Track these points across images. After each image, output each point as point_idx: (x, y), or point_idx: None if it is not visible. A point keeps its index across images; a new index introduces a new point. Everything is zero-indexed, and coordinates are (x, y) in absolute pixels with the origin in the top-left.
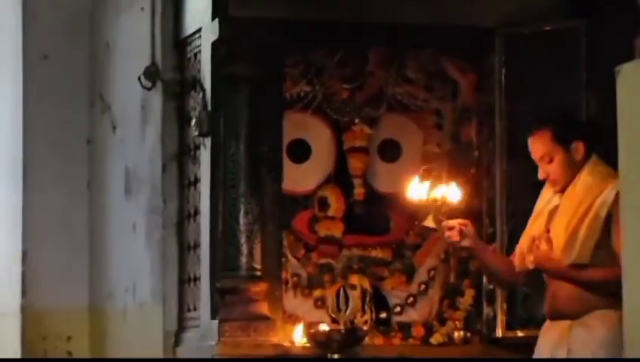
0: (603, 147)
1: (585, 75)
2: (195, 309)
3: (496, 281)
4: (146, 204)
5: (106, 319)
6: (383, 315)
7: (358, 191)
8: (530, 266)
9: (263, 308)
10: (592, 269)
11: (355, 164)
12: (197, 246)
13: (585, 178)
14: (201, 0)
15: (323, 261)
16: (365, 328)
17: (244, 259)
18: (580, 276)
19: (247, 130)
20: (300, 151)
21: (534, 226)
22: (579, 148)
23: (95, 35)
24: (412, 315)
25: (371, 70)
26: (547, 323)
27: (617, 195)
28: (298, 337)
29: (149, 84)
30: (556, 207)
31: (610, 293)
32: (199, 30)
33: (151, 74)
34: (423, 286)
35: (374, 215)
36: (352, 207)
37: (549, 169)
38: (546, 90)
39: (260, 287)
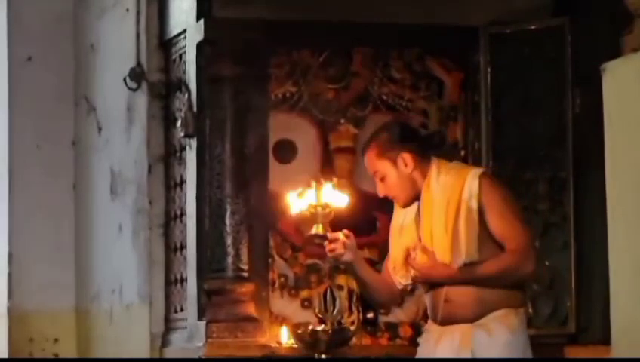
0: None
1: (570, 73)
2: (181, 310)
3: (374, 300)
4: (132, 205)
5: (93, 320)
6: (370, 315)
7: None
8: (408, 282)
9: (250, 309)
10: (484, 264)
11: (341, 164)
12: (183, 247)
13: (437, 178)
14: (186, 1)
15: (310, 261)
16: (352, 328)
17: (230, 260)
18: (475, 275)
19: (233, 130)
20: (286, 152)
21: (403, 241)
22: (405, 159)
23: (80, 36)
24: (399, 315)
25: (356, 70)
26: (435, 327)
27: (481, 182)
28: (285, 338)
29: (134, 85)
30: (409, 224)
31: (507, 284)
32: (184, 31)
33: (136, 75)
34: (409, 287)
35: (361, 215)
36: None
37: (383, 187)
38: (531, 88)
39: (247, 288)
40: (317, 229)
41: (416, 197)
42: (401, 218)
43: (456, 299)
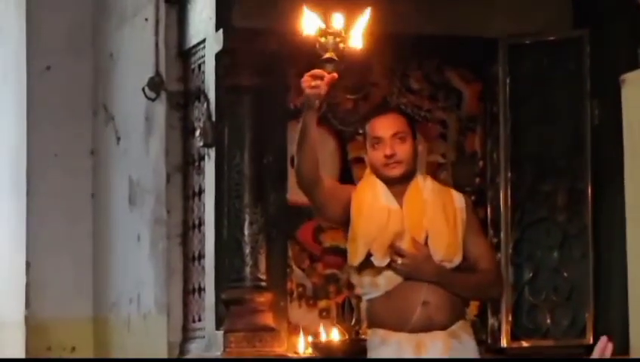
0: None
1: (589, 84)
2: (199, 320)
3: (300, 156)
4: (150, 214)
5: (110, 330)
6: None
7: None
8: (383, 264)
9: (268, 319)
10: (467, 274)
11: (359, 174)
12: (201, 256)
13: (424, 180)
14: (205, 11)
15: (328, 271)
16: None
17: (249, 270)
18: (458, 280)
19: (252, 140)
20: None
21: (392, 225)
22: (422, 141)
23: (98, 45)
24: None
25: (375, 80)
26: (403, 335)
27: (466, 201)
28: (302, 347)
29: (153, 95)
30: (397, 210)
31: (475, 298)
32: (203, 41)
33: (155, 84)
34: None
35: None
36: None
37: (399, 148)
38: (550, 99)
39: (265, 298)
40: (330, 54)
41: (404, 178)
42: (383, 199)
43: (434, 301)
